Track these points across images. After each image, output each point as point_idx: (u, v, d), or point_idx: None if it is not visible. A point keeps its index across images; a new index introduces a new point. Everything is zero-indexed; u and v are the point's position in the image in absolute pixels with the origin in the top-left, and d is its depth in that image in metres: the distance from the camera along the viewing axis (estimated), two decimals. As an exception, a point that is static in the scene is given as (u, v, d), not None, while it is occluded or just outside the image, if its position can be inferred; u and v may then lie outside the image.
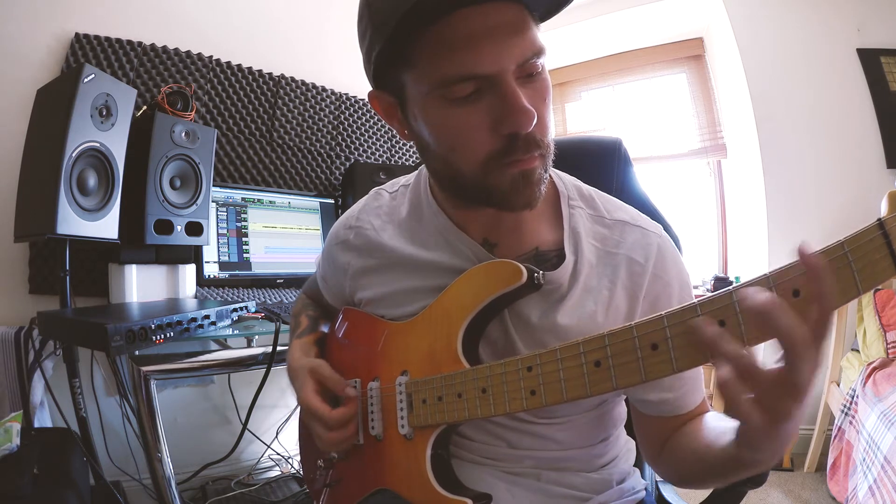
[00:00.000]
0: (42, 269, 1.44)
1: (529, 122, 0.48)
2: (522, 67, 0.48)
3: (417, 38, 0.48)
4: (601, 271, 0.58)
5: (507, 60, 0.47)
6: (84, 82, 1.12)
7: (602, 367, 0.44)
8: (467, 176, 0.53)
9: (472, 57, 0.46)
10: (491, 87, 0.48)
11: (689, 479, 0.56)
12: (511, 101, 0.47)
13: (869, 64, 2.20)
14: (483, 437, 0.61)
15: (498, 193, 0.53)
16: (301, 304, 0.84)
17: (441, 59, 0.48)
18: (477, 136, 0.50)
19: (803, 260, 0.35)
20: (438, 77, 0.48)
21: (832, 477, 1.70)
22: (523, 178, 0.51)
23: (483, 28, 0.46)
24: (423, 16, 0.46)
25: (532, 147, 0.50)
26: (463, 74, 0.47)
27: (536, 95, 0.50)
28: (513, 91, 0.47)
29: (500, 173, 0.51)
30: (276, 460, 1.85)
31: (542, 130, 0.51)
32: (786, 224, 2.23)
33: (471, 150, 0.51)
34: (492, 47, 0.46)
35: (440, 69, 0.48)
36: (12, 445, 0.96)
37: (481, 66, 0.47)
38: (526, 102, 0.47)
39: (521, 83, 0.49)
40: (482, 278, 0.56)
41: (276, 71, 1.95)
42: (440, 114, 0.51)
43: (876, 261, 0.34)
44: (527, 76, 0.49)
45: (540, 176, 0.52)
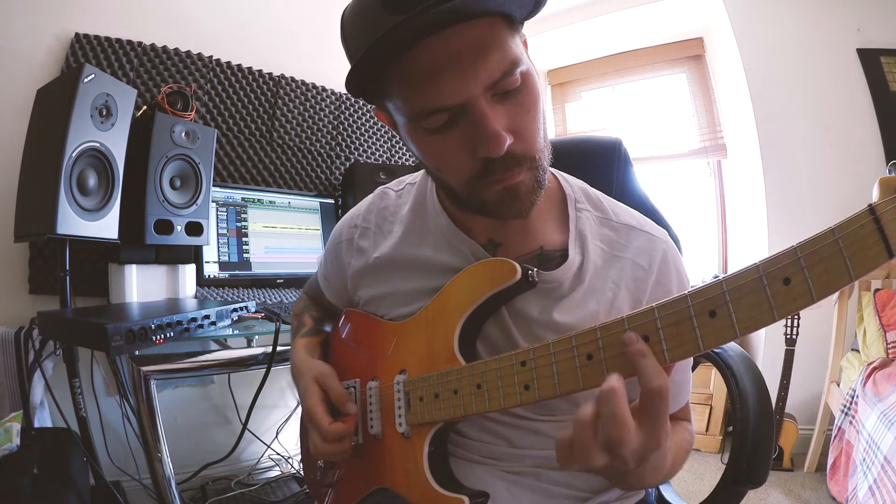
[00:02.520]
0: (42, 269, 1.44)
1: (499, 146, 0.47)
2: (496, 86, 0.47)
3: (388, 73, 0.48)
4: (606, 273, 0.58)
5: (473, 87, 0.46)
6: (84, 82, 1.13)
7: (594, 361, 0.44)
8: (457, 191, 0.55)
9: (436, 91, 0.46)
10: (463, 114, 0.48)
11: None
12: (480, 128, 0.47)
13: (869, 64, 2.20)
14: (483, 435, 0.61)
15: (486, 206, 0.54)
16: (303, 305, 0.85)
17: (410, 95, 0.48)
18: (456, 161, 0.51)
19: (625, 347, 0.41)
20: (411, 111, 0.49)
21: (832, 477, 1.70)
22: (508, 193, 0.52)
23: (445, 57, 0.45)
24: (386, 54, 0.46)
25: (511, 165, 0.50)
26: (431, 108, 0.48)
27: (517, 110, 0.49)
28: (482, 116, 0.47)
29: (485, 190, 0.52)
30: (276, 460, 1.85)
31: (526, 145, 0.50)
32: (786, 224, 2.23)
33: (454, 172, 0.53)
34: (454, 77, 0.46)
35: (411, 104, 0.49)
36: (12, 445, 0.96)
37: (447, 98, 0.47)
38: (496, 126, 0.47)
39: (498, 100, 0.48)
40: (478, 276, 0.57)
41: (276, 71, 1.95)
42: (421, 141, 0.52)
43: (868, 246, 0.33)
44: (504, 93, 0.48)
45: (529, 188, 0.52)
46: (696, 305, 0.39)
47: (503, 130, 0.47)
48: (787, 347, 1.98)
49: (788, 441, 2.00)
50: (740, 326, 0.37)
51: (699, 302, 0.39)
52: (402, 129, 0.54)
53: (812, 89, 2.26)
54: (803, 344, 1.98)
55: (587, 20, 2.70)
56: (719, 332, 0.38)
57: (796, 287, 0.35)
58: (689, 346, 0.40)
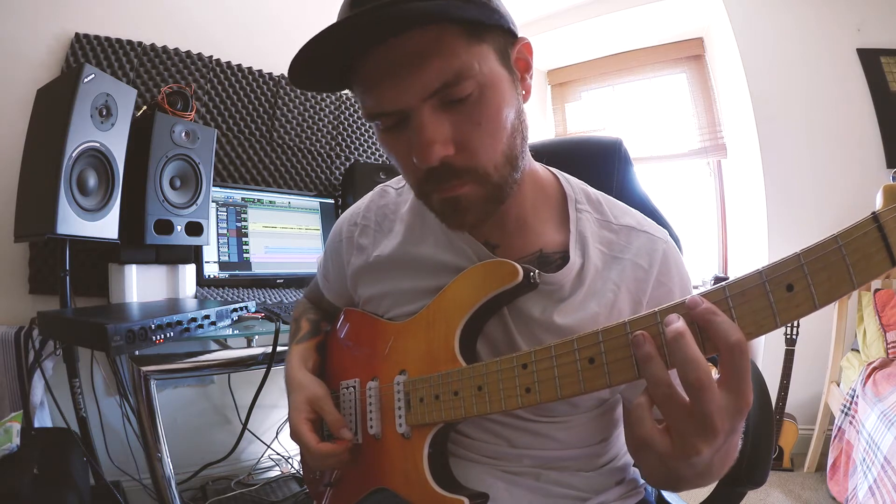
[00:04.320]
0: (42, 269, 1.44)
1: (427, 157, 0.47)
2: (440, 94, 0.47)
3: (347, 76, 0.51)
4: (606, 275, 0.58)
5: (409, 96, 0.46)
6: (84, 82, 1.13)
7: (596, 364, 0.44)
8: (413, 191, 0.56)
9: (378, 97, 0.48)
10: (406, 119, 0.49)
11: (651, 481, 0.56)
12: (416, 136, 0.48)
13: (869, 64, 2.20)
14: (483, 435, 0.61)
15: (435, 213, 0.55)
16: (302, 308, 0.84)
17: (361, 97, 0.51)
18: (405, 163, 0.52)
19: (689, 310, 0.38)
20: (365, 112, 0.51)
21: (832, 477, 1.70)
22: (448, 204, 0.52)
23: (385, 65, 0.47)
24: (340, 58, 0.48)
25: (448, 177, 0.50)
26: (376, 112, 0.50)
27: (465, 120, 0.48)
28: (418, 125, 0.47)
29: (430, 197, 0.53)
30: (276, 460, 1.85)
31: (469, 157, 0.49)
32: (786, 224, 2.23)
33: (405, 173, 0.55)
34: (392, 85, 0.47)
35: (363, 105, 0.51)
36: (12, 445, 0.96)
37: (387, 104, 0.48)
38: (428, 136, 0.47)
39: (444, 109, 0.48)
40: (479, 277, 0.57)
41: (276, 71, 1.95)
42: (379, 138, 0.54)
43: (871, 254, 0.33)
44: (453, 101, 0.47)
45: (474, 201, 0.51)
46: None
47: (441, 141, 0.47)
48: (787, 347, 1.98)
49: (788, 441, 2.00)
50: (743, 332, 0.37)
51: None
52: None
53: (812, 89, 2.25)
54: (803, 344, 1.98)
55: (587, 20, 2.69)
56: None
57: (799, 294, 0.35)
58: None
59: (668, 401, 0.38)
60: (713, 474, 0.42)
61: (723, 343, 0.36)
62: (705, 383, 0.36)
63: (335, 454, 0.61)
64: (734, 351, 0.36)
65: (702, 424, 0.36)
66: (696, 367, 0.36)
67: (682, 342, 0.37)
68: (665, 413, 0.38)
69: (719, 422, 0.36)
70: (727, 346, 0.36)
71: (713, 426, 0.36)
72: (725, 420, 0.36)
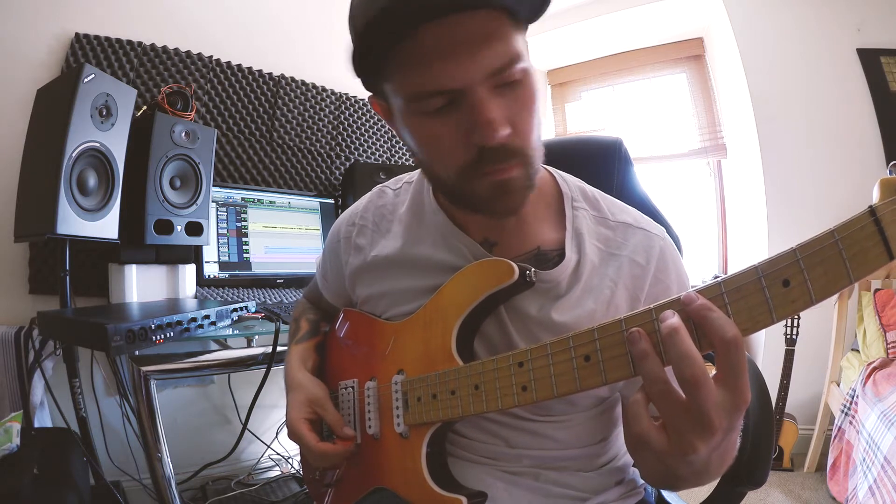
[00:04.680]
0: (42, 269, 1.44)
1: (493, 134, 0.47)
2: (497, 77, 0.47)
3: (390, 53, 0.48)
4: (603, 272, 0.58)
5: (474, 73, 0.46)
6: (84, 82, 1.13)
7: (592, 362, 0.44)
8: (447, 183, 0.54)
9: (439, 72, 0.47)
10: (461, 99, 0.48)
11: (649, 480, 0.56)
12: (477, 114, 0.47)
13: (869, 64, 2.20)
14: (481, 436, 0.61)
15: (478, 200, 0.53)
16: (301, 309, 0.85)
17: (410, 75, 0.48)
18: (451, 148, 0.50)
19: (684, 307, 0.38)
20: (410, 92, 0.49)
21: (832, 477, 1.70)
22: (500, 187, 0.51)
23: (449, 41, 0.46)
24: (391, 32, 0.46)
25: (506, 157, 0.50)
26: (431, 90, 0.48)
27: (515, 104, 0.49)
28: (480, 103, 0.47)
29: (478, 182, 0.51)
30: (276, 460, 1.85)
31: (521, 139, 0.50)
32: (786, 224, 2.23)
33: (447, 161, 0.52)
34: (456, 61, 0.46)
35: (411, 84, 0.49)
36: (12, 445, 0.96)
37: (448, 80, 0.47)
38: (493, 114, 0.47)
39: (497, 93, 0.48)
40: (475, 276, 0.57)
41: (276, 71, 1.95)
42: (417, 125, 0.51)
43: (867, 248, 0.33)
44: (504, 85, 0.48)
45: (521, 184, 0.52)
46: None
47: (502, 119, 0.48)
48: (787, 347, 1.98)
49: (788, 441, 2.00)
50: (739, 328, 0.37)
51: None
52: (399, 113, 0.53)
53: (812, 89, 2.25)
54: (803, 344, 1.98)
55: (587, 20, 2.69)
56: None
57: (795, 289, 0.35)
58: None
59: (664, 398, 0.38)
60: (711, 473, 0.42)
61: (718, 339, 0.36)
62: (701, 380, 0.35)
63: (337, 453, 0.61)
64: (730, 347, 0.36)
65: (699, 421, 0.36)
66: (691, 363, 0.36)
67: (678, 338, 0.37)
68: (661, 410, 0.38)
69: (716, 419, 0.36)
70: (723, 342, 0.36)
71: (710, 423, 0.36)
72: (723, 417, 0.36)
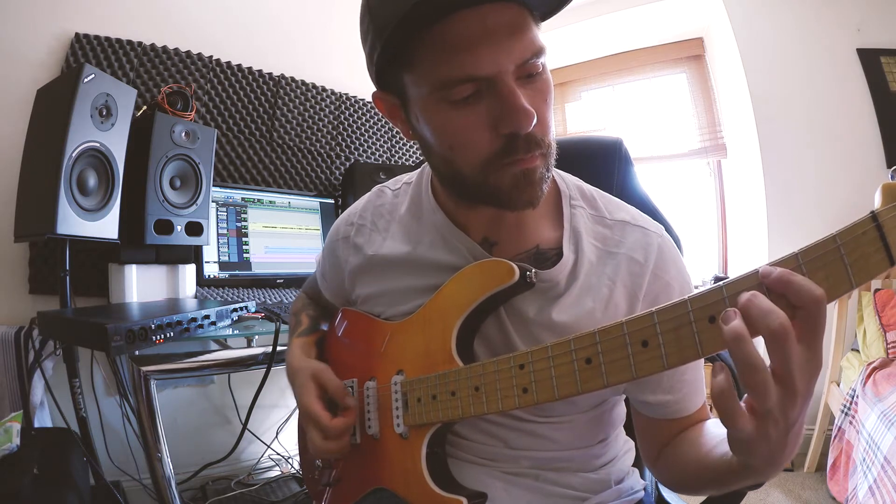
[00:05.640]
0: (42, 269, 1.44)
1: (529, 121, 0.48)
2: (522, 68, 0.48)
3: (417, 41, 0.48)
4: (601, 270, 0.58)
5: (505, 61, 0.47)
6: (84, 82, 1.13)
7: (593, 365, 0.44)
8: (468, 175, 0.53)
9: (470, 59, 0.46)
10: (490, 88, 0.48)
11: (685, 484, 0.56)
12: (510, 102, 0.47)
13: (869, 64, 2.20)
14: (481, 437, 0.61)
15: (500, 192, 0.53)
16: (301, 303, 0.85)
17: (440, 62, 0.48)
18: (477, 137, 0.50)
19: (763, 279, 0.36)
20: (438, 79, 0.48)
21: (832, 477, 1.70)
22: (525, 176, 0.51)
23: (481, 30, 0.46)
24: (421, 19, 0.46)
25: (533, 146, 0.50)
26: (461, 76, 0.47)
27: (537, 95, 0.50)
28: (511, 91, 0.47)
29: (501, 173, 0.51)
30: (276, 460, 1.85)
31: (543, 130, 0.51)
32: (786, 224, 2.23)
33: (471, 151, 0.51)
34: (489, 49, 0.46)
35: (439, 72, 0.48)
36: (12, 445, 0.96)
37: (479, 68, 0.47)
38: (525, 102, 0.47)
39: (520, 83, 0.49)
40: (476, 277, 0.57)
41: (276, 71, 1.95)
42: (441, 115, 0.51)
43: (869, 254, 0.33)
44: (527, 76, 0.49)
45: (542, 175, 0.52)
46: (695, 311, 0.39)
47: (531, 108, 0.48)
48: (787, 347, 1.98)
49: (788, 441, 2.00)
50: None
51: (699, 307, 0.39)
52: (418, 104, 0.52)
53: (812, 89, 2.26)
54: (803, 344, 1.98)
55: (587, 20, 2.69)
56: (719, 337, 0.37)
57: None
58: (689, 352, 0.39)
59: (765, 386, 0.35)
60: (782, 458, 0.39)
61: (808, 297, 0.34)
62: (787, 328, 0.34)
63: (348, 428, 0.61)
64: (820, 305, 0.34)
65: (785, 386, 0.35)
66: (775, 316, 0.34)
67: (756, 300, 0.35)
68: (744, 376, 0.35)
69: (798, 378, 0.34)
70: (813, 299, 0.34)
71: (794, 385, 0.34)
72: (804, 378, 0.35)
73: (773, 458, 0.39)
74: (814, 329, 0.35)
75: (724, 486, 0.48)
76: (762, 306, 0.34)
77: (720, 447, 0.45)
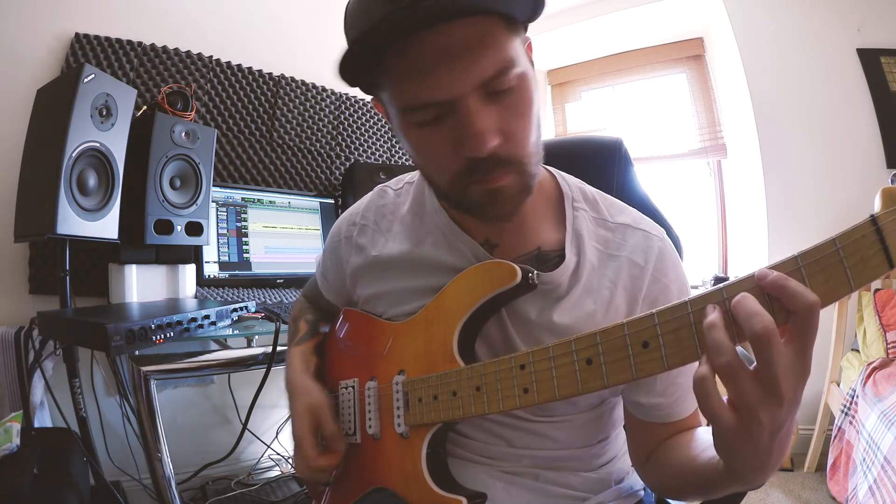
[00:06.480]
0: (42, 269, 1.44)
1: (483, 146, 0.47)
2: (489, 85, 0.47)
3: (382, 64, 0.48)
4: (603, 273, 0.58)
5: (462, 85, 0.46)
6: (84, 82, 1.13)
7: (594, 365, 0.44)
8: (443, 189, 0.55)
9: (428, 84, 0.46)
10: (450, 110, 0.48)
11: (671, 488, 0.56)
12: (466, 126, 0.47)
13: (869, 64, 2.20)
14: (482, 435, 0.61)
15: (472, 207, 0.54)
16: (299, 308, 0.84)
17: (400, 87, 0.48)
18: (442, 157, 0.50)
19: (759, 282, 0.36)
20: (401, 103, 0.49)
21: (832, 477, 1.70)
22: (491, 195, 0.51)
23: (437, 52, 0.45)
24: (379, 45, 0.46)
25: (496, 167, 0.49)
26: (419, 103, 0.48)
27: (508, 111, 0.48)
28: (468, 115, 0.47)
29: (470, 190, 0.52)
30: (276, 460, 1.85)
31: (514, 147, 0.49)
32: (786, 224, 2.23)
33: (439, 169, 0.52)
34: (445, 73, 0.45)
35: (402, 97, 0.49)
36: (12, 445, 0.96)
37: (437, 93, 0.46)
38: (481, 126, 0.46)
39: (488, 100, 0.48)
40: (478, 278, 0.57)
41: (276, 71, 1.95)
42: (410, 134, 0.52)
43: (868, 257, 0.33)
44: (497, 92, 0.48)
45: (515, 191, 0.52)
46: (696, 312, 0.39)
47: (490, 131, 0.47)
48: (788, 347, 1.98)
49: (788, 441, 2.00)
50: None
51: (699, 309, 0.39)
52: (395, 120, 0.53)
53: (812, 89, 2.25)
54: (803, 344, 1.98)
55: (587, 20, 2.69)
56: None
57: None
58: (689, 353, 0.39)
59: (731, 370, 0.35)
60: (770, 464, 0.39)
61: (802, 303, 0.34)
62: (772, 333, 0.34)
63: (329, 468, 0.62)
64: (812, 311, 0.34)
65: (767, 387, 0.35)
66: (761, 318, 0.34)
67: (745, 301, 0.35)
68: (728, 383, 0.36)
69: (784, 384, 0.34)
70: (806, 305, 0.34)
71: (778, 388, 0.34)
72: (790, 383, 0.35)
73: (758, 464, 0.39)
74: (805, 334, 0.35)
75: (710, 492, 0.48)
76: (749, 308, 0.35)
77: (708, 452, 0.45)
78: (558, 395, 0.46)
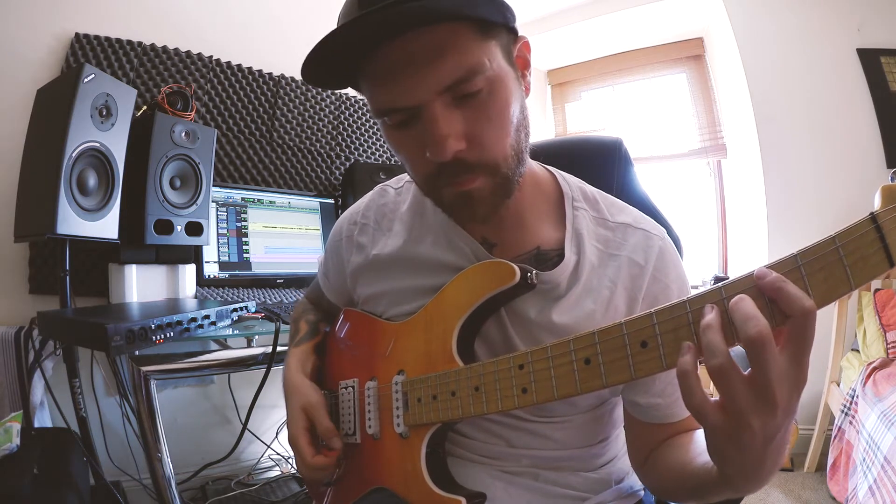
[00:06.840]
0: (42, 269, 1.44)
1: (444, 152, 0.48)
2: (455, 89, 0.47)
3: (357, 70, 0.51)
4: (602, 272, 0.58)
5: (423, 91, 0.47)
6: (84, 82, 1.13)
7: (592, 365, 0.44)
8: (421, 187, 0.57)
9: (394, 90, 0.48)
10: (417, 115, 0.49)
11: (668, 490, 0.56)
12: (429, 131, 0.48)
13: (869, 64, 2.20)
14: (482, 435, 0.61)
15: (445, 208, 0.55)
16: (301, 310, 0.84)
17: (372, 93, 0.51)
18: (416, 159, 0.52)
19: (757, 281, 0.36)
20: (374, 108, 0.52)
21: (832, 477, 1.70)
22: (463, 197, 0.52)
23: (403, 59, 0.46)
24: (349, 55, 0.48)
25: (463, 171, 0.50)
26: (387, 108, 0.50)
27: (475, 115, 0.49)
28: (431, 120, 0.48)
29: (443, 191, 0.53)
30: (276, 460, 1.85)
31: (482, 151, 0.50)
32: (786, 224, 2.23)
33: (414, 169, 0.55)
34: (408, 79, 0.47)
35: (374, 101, 0.51)
36: (12, 445, 0.96)
37: (402, 99, 0.48)
38: (444, 131, 0.47)
39: (456, 105, 0.48)
40: (477, 278, 0.57)
41: (276, 71, 1.95)
42: (388, 135, 0.54)
43: (868, 255, 0.33)
44: (465, 97, 0.48)
45: (487, 194, 0.52)
46: (694, 312, 0.39)
47: (454, 136, 0.48)
48: (787, 347, 1.98)
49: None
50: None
51: (698, 308, 0.39)
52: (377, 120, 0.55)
53: (812, 89, 2.25)
54: (803, 344, 1.98)
55: (587, 20, 2.69)
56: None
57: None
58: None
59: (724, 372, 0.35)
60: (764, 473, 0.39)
61: (797, 308, 0.34)
62: (767, 338, 0.33)
63: (327, 466, 0.62)
64: (808, 317, 0.34)
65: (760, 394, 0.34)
66: (756, 322, 0.34)
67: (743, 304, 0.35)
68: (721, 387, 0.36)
69: (778, 391, 0.34)
70: (802, 311, 0.34)
71: (772, 396, 0.34)
72: (784, 391, 0.34)
73: (751, 472, 0.38)
74: (801, 341, 0.34)
75: (704, 496, 0.48)
76: (745, 312, 0.35)
77: (704, 455, 0.45)
78: (557, 395, 0.46)
